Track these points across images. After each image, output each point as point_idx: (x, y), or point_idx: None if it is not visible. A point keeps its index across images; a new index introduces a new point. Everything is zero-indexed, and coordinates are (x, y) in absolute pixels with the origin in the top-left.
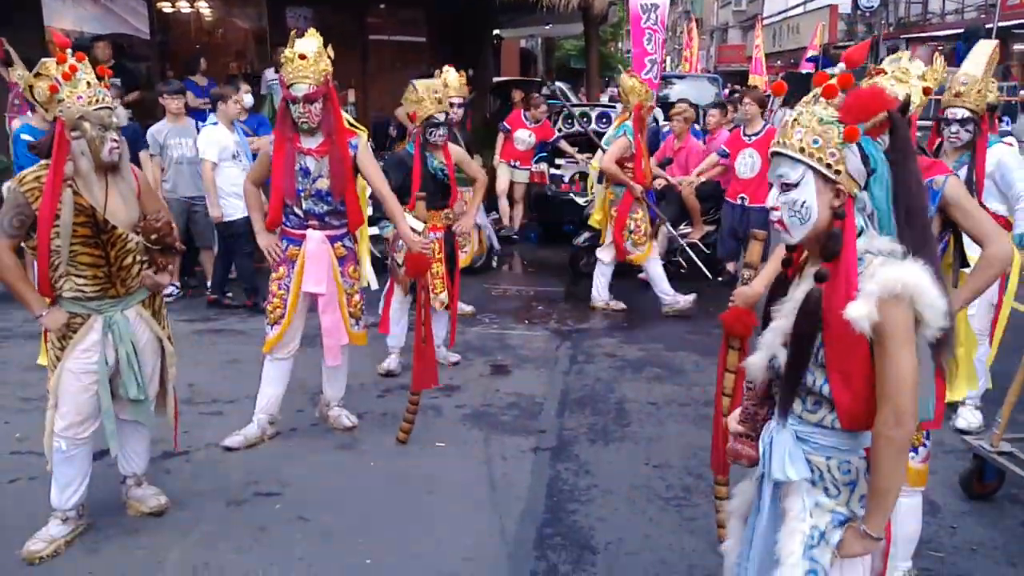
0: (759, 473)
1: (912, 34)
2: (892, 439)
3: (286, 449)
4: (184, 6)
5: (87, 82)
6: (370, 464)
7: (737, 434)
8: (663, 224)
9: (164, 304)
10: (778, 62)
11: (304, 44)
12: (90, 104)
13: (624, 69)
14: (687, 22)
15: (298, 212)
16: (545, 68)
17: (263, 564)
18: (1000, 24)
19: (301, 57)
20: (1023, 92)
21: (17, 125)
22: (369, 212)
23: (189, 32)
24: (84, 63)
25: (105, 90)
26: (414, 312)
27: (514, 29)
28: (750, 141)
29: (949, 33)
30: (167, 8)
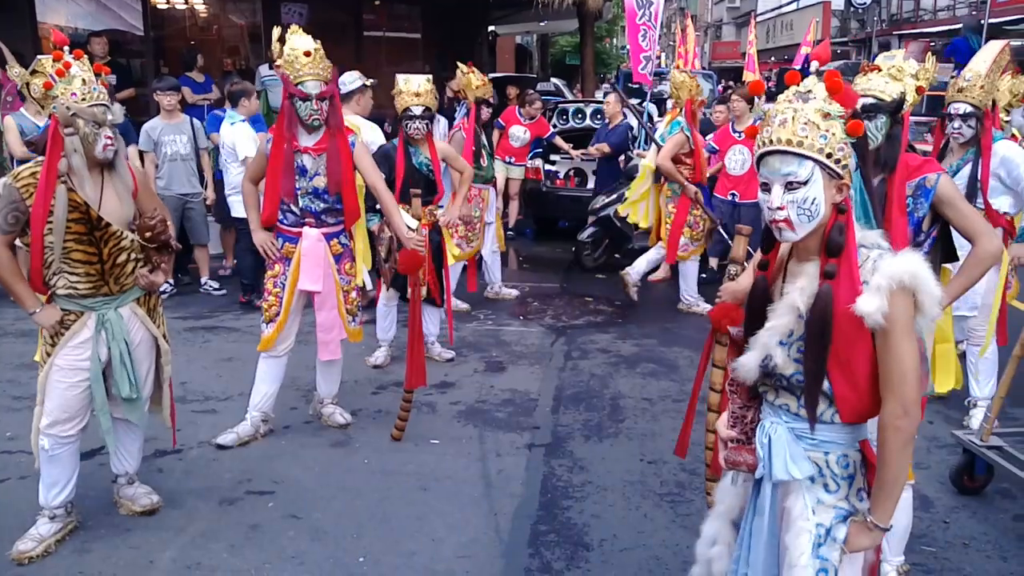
0: (758, 474)
1: (904, 31)
2: (901, 429)
3: (279, 447)
4: (178, 2)
5: (82, 79)
6: (364, 461)
7: (730, 440)
8: (716, 226)
9: (160, 302)
10: (772, 58)
11: (303, 41)
12: (84, 101)
13: (620, 65)
14: (682, 18)
15: (295, 210)
16: (540, 64)
17: (256, 563)
18: (991, 21)
19: (306, 54)
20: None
21: (11, 123)
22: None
23: (183, 28)
24: (82, 60)
25: (102, 87)
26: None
27: (509, 25)
28: (740, 137)
29: (941, 30)
30: (161, 4)
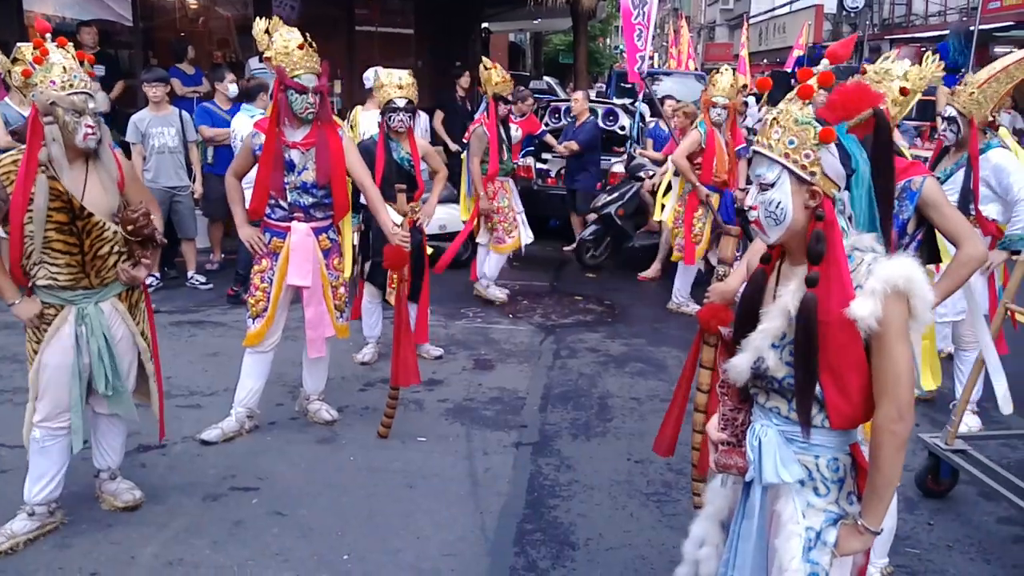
0: (748, 477)
1: (896, 35)
2: (895, 433)
3: (265, 443)
4: None
5: (63, 67)
6: (350, 458)
7: (721, 443)
8: (728, 235)
9: (143, 298)
10: (764, 60)
11: (293, 35)
12: (63, 89)
13: (613, 65)
14: (675, 19)
15: (283, 205)
16: (534, 63)
17: (239, 560)
18: (981, 27)
19: (300, 47)
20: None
21: None
22: None
23: (173, 19)
24: (64, 48)
25: (87, 76)
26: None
27: (503, 23)
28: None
29: (932, 35)
30: None
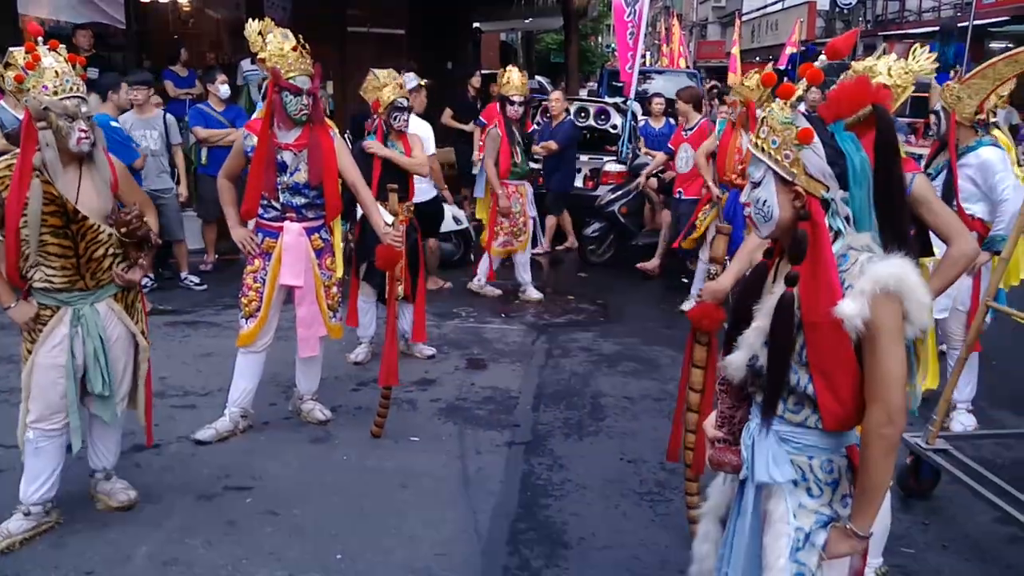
0: (742, 475)
1: (889, 31)
2: (885, 437)
3: (258, 443)
4: None
5: (55, 71)
6: (343, 458)
7: (717, 440)
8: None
9: (139, 298)
10: (756, 58)
11: (287, 36)
12: (56, 94)
13: (604, 63)
14: (667, 17)
15: (276, 205)
16: (525, 62)
17: (232, 559)
18: (976, 23)
19: (294, 49)
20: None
21: None
22: None
23: (166, 22)
24: (56, 52)
25: (78, 79)
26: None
27: (494, 23)
28: (686, 136)
29: (926, 31)
30: None
